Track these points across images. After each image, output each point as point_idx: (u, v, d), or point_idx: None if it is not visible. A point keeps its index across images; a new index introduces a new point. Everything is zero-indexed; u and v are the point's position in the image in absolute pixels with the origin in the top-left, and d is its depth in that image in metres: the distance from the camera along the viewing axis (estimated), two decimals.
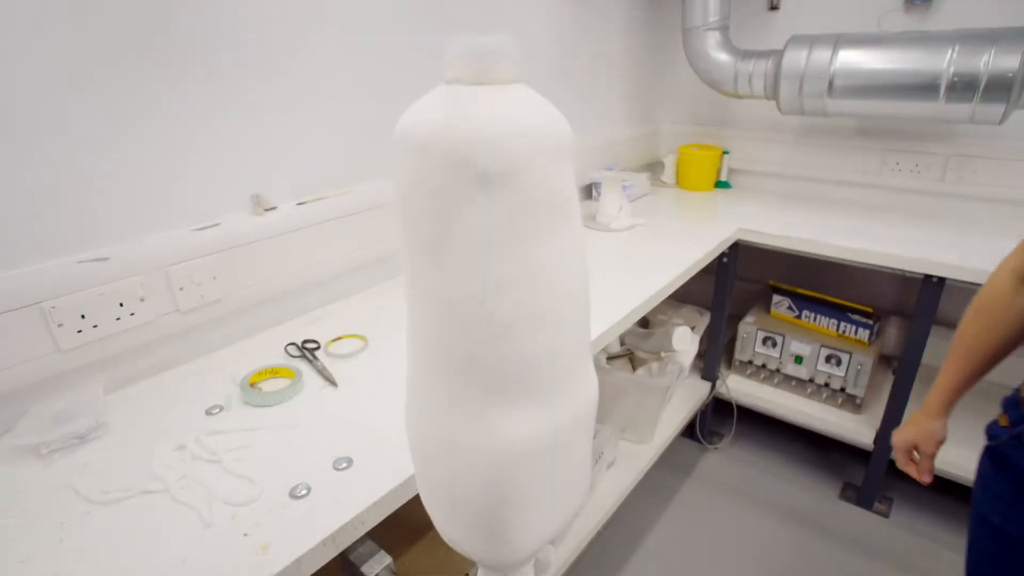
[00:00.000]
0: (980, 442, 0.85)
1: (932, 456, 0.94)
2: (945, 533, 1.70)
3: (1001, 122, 1.47)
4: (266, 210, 1.11)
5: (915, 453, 0.96)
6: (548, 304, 0.35)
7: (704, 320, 1.95)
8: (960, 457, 1.41)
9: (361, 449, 0.79)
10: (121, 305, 0.92)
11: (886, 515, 1.77)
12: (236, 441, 0.81)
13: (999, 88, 1.40)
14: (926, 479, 0.94)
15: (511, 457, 0.37)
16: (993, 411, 0.84)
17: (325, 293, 1.25)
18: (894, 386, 1.60)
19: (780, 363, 1.91)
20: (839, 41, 1.60)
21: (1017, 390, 0.79)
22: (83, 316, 0.88)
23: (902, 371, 1.57)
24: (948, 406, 0.91)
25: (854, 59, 1.57)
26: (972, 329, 0.84)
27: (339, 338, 1.09)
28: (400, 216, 0.35)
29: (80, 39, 0.83)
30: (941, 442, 0.92)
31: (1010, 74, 1.38)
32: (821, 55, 1.62)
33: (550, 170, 0.33)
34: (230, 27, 0.99)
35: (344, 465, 0.76)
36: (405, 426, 0.43)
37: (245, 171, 1.08)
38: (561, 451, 0.40)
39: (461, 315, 0.34)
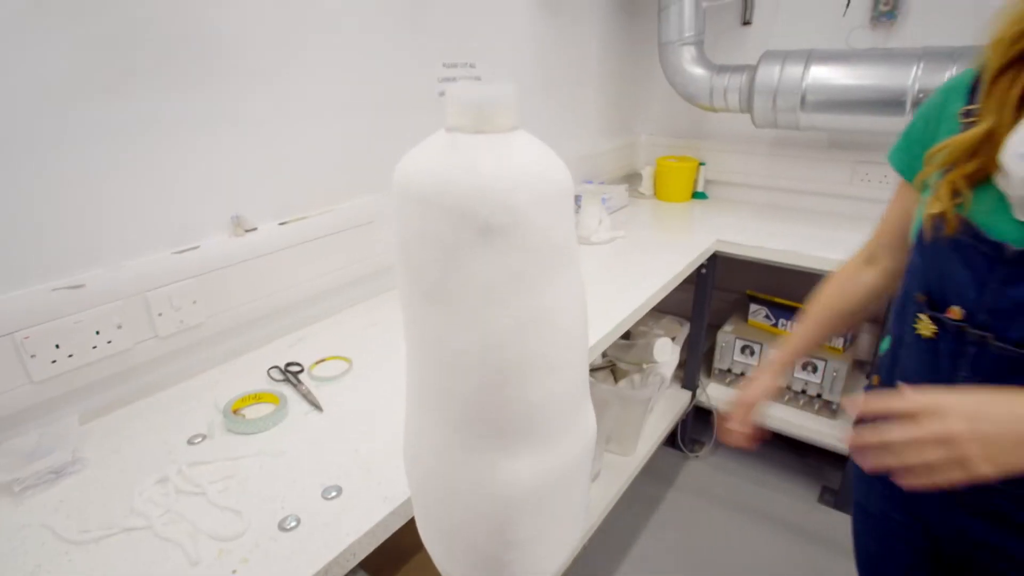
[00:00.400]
0: None
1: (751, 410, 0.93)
2: None
3: None
4: (246, 231, 1.10)
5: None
6: (550, 349, 0.35)
7: (684, 330, 1.98)
8: None
9: (350, 476, 0.78)
10: (97, 333, 0.90)
11: None
12: (221, 471, 0.79)
13: None
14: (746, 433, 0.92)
15: (514, 502, 0.37)
16: None
17: (307, 313, 1.23)
18: None
19: None
20: (810, 57, 1.64)
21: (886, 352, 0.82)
22: (57, 346, 0.86)
23: None
24: (789, 366, 0.96)
25: (825, 75, 1.62)
26: (823, 299, 0.91)
27: (323, 360, 1.07)
28: (401, 263, 0.35)
29: (49, 59, 0.81)
30: (768, 397, 0.93)
31: None
32: (793, 71, 1.66)
33: (551, 219, 0.33)
34: (206, 45, 0.98)
35: (333, 494, 0.75)
36: (404, 467, 0.43)
37: (224, 191, 1.06)
38: (562, 490, 0.40)
39: (464, 362, 0.34)
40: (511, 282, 0.32)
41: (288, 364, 1.05)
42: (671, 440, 2.11)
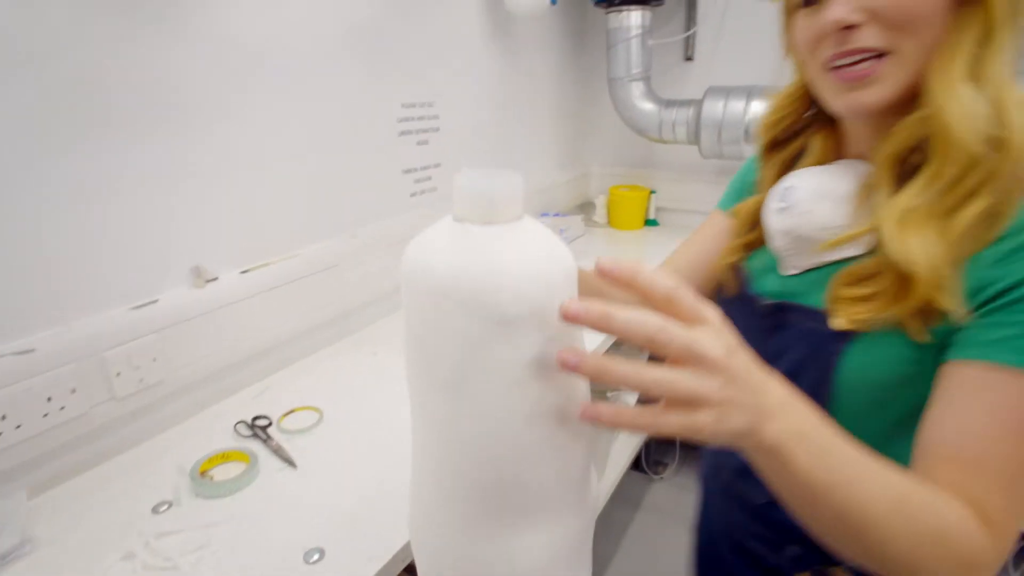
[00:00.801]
0: None
1: None
2: None
3: None
4: (207, 281, 1.06)
5: None
6: (563, 427, 0.36)
7: (644, 354, 2.03)
8: None
9: (331, 537, 0.76)
10: (49, 400, 0.84)
11: None
12: (192, 541, 0.76)
13: None
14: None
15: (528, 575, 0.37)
16: None
17: (273, 361, 1.20)
18: None
19: None
20: (751, 93, 1.74)
21: None
22: (4, 417, 0.80)
23: None
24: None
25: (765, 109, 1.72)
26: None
27: (292, 411, 1.04)
28: (415, 352, 0.35)
29: None
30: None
31: None
32: (736, 105, 1.75)
33: (563, 302, 0.34)
34: (157, 95, 0.95)
35: (316, 557, 0.73)
36: (411, 541, 0.43)
37: (183, 241, 1.03)
38: (574, 554, 0.41)
39: (479, 446, 0.34)
40: (528, 368, 0.33)
41: (255, 418, 1.02)
42: (635, 463, 2.14)
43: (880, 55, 0.47)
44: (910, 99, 0.48)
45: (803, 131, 0.65)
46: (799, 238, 0.58)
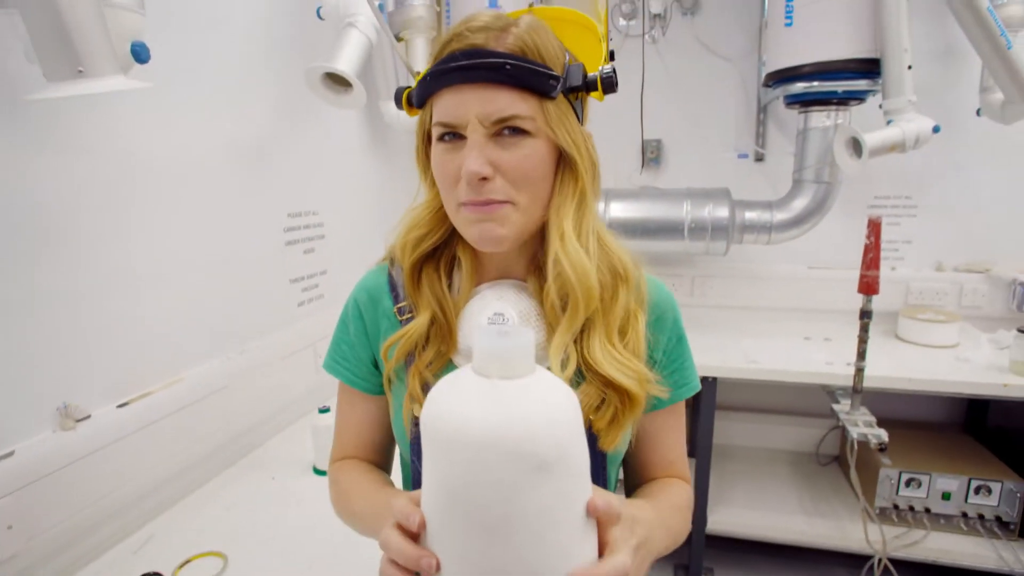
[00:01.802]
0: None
1: None
2: None
3: (725, 253, 1.96)
4: (77, 421, 0.93)
5: None
6: (585, 537, 0.40)
7: None
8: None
9: None
10: None
11: None
12: None
13: (720, 230, 1.89)
14: None
15: None
16: None
17: (160, 500, 1.05)
18: (697, 467, 1.89)
19: None
20: (608, 195, 1.99)
21: None
22: None
23: (700, 454, 1.87)
24: None
25: (622, 210, 1.96)
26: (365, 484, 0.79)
27: (189, 560, 0.92)
28: (448, 501, 0.37)
29: None
30: None
31: (725, 222, 1.87)
32: (599, 206, 1.98)
33: (579, 440, 0.39)
34: (18, 217, 0.87)
35: None
36: None
37: (47, 377, 0.90)
38: None
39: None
40: (562, 503, 0.37)
41: None
42: None
43: (503, 203, 0.56)
44: (530, 236, 0.60)
45: (445, 245, 0.66)
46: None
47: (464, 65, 0.53)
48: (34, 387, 0.89)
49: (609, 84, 0.58)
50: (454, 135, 0.56)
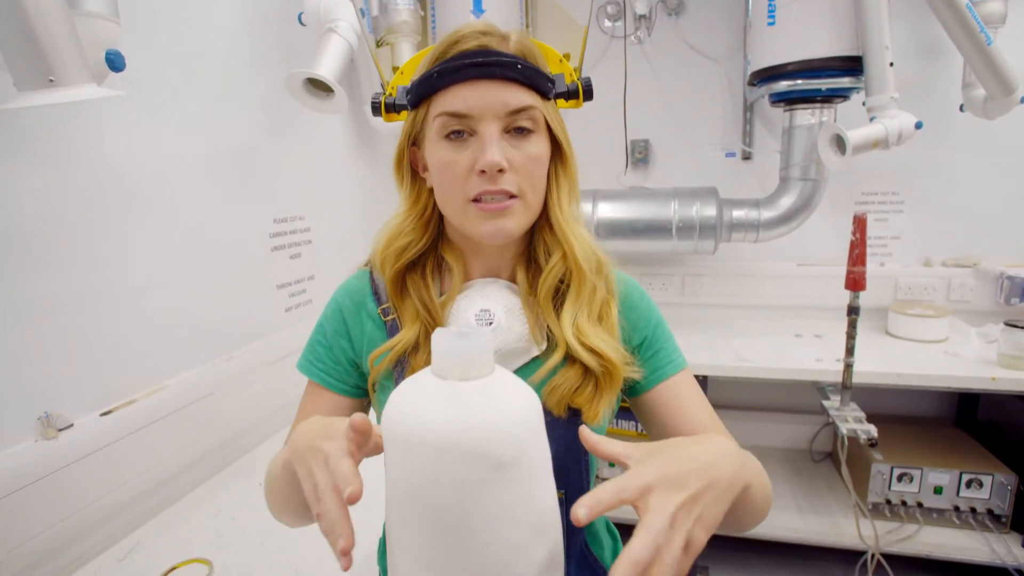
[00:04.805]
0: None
1: None
2: None
3: (714, 252, 1.96)
4: (60, 430, 0.93)
5: None
6: (546, 537, 0.39)
7: None
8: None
9: None
10: None
11: None
12: None
13: (708, 229, 1.89)
14: None
15: None
16: None
17: (147, 507, 1.05)
18: None
19: None
20: (596, 196, 1.99)
21: None
22: None
23: None
24: None
25: (610, 210, 1.97)
26: None
27: (175, 568, 0.92)
28: (408, 502, 0.37)
29: None
30: None
31: (713, 221, 1.87)
32: (585, 207, 1.98)
33: (538, 439, 0.39)
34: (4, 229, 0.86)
35: None
36: None
37: (28, 386, 0.90)
38: None
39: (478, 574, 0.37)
40: (521, 501, 0.37)
41: None
42: None
43: (512, 196, 0.59)
44: (528, 231, 0.64)
45: (427, 252, 0.67)
46: (499, 352, 0.63)
47: (480, 62, 0.56)
48: (14, 396, 0.88)
49: (589, 92, 0.65)
50: (460, 133, 0.58)
